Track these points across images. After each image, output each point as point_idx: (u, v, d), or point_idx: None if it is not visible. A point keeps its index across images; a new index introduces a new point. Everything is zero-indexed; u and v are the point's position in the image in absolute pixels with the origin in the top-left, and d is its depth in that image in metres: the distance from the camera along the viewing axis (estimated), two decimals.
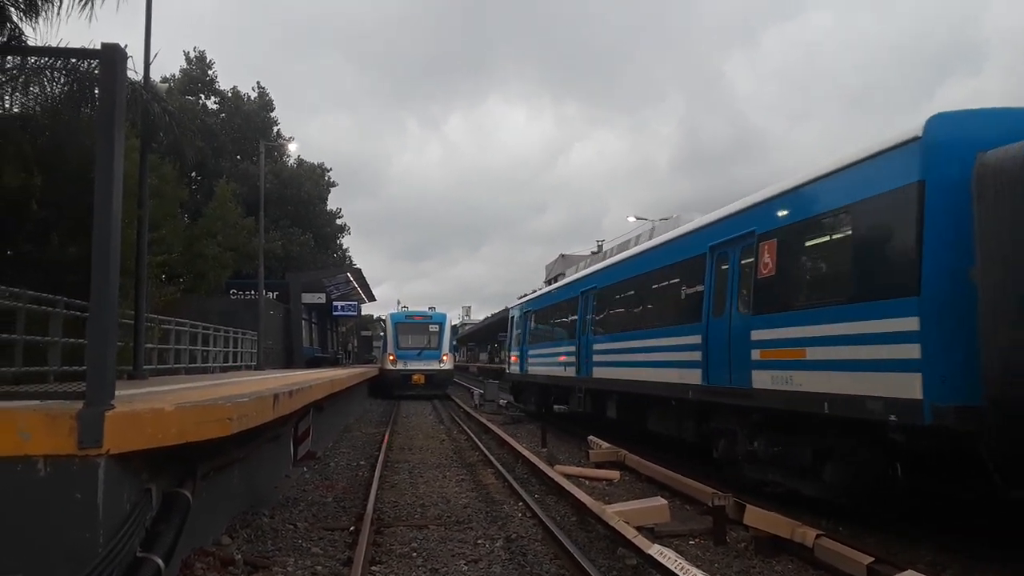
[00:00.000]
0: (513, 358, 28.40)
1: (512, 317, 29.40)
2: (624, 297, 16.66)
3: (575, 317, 19.76)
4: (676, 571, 6.08)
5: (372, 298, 62.56)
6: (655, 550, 6.76)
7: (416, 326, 38.86)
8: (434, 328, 38.66)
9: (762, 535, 8.19)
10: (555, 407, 24.76)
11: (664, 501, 9.39)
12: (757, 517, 8.35)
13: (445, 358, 38.11)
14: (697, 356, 11.77)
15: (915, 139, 7.56)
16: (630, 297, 16.21)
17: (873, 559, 6.84)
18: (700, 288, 12.04)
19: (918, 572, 6.42)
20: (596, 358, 17.66)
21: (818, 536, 7.61)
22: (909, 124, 7.81)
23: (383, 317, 49.28)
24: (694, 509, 10.33)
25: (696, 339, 11.88)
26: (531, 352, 25.39)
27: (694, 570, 6.01)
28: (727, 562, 7.90)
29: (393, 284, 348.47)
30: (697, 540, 8.74)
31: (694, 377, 11.78)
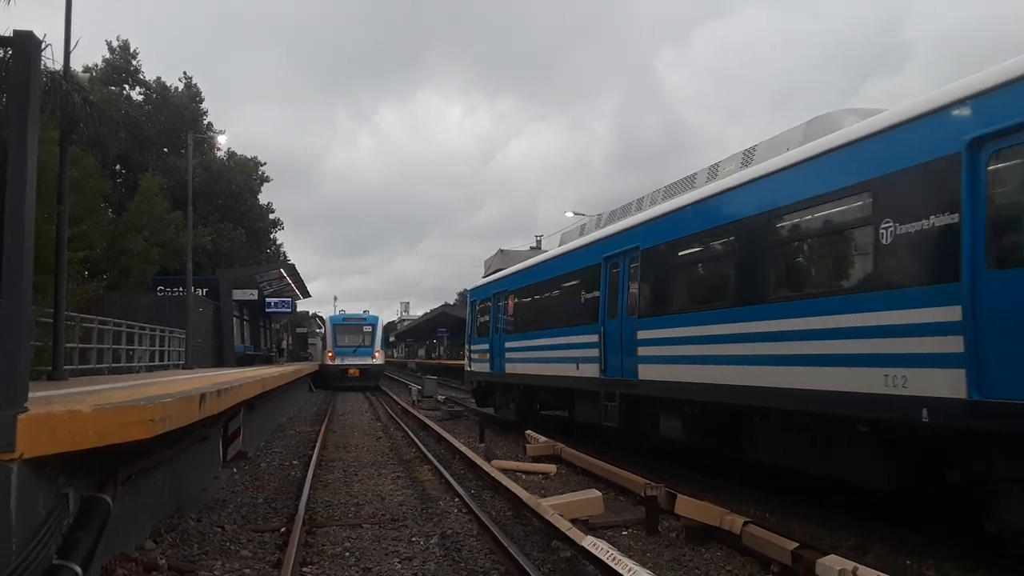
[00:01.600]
0: (478, 353, 22.23)
1: (473, 302, 23.56)
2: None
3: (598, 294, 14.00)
4: (608, 561, 6.16)
5: (307, 294, 61.52)
6: (588, 541, 6.83)
7: (352, 327, 44.75)
8: (368, 329, 44.72)
9: (693, 524, 8.37)
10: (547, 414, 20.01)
11: (598, 493, 9.50)
12: (688, 506, 8.52)
13: (377, 354, 44.29)
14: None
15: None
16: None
17: (798, 544, 7.06)
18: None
19: (840, 556, 6.65)
20: (649, 351, 11.92)
21: (746, 523, 7.81)
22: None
23: (320, 314, 57.79)
24: (628, 500, 10.49)
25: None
26: (511, 344, 19.08)
27: (625, 560, 6.10)
28: (659, 551, 8.04)
29: (329, 280, 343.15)
30: (630, 530, 8.88)
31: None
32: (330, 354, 43.77)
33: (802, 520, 8.95)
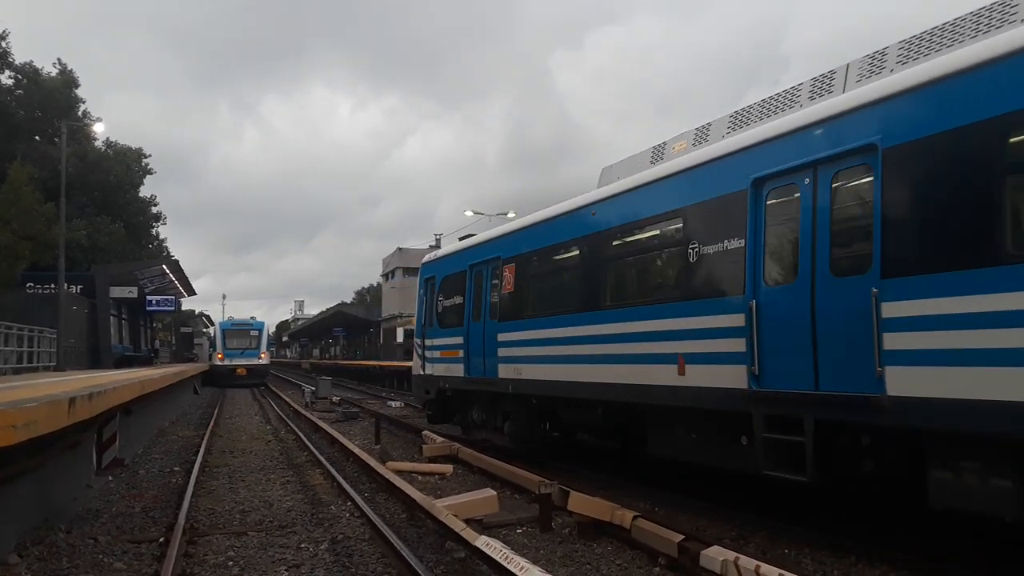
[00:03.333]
0: (441, 351, 15.84)
1: (428, 280, 16.86)
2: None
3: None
4: (500, 560, 6.14)
5: (192, 292, 58.82)
6: (481, 541, 6.80)
7: (239, 331, 50.17)
8: (254, 333, 50.23)
9: (585, 519, 8.49)
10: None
11: (493, 492, 9.50)
12: (580, 503, 8.63)
13: (263, 356, 49.96)
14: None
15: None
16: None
17: (683, 536, 7.28)
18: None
19: (723, 547, 6.89)
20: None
21: (635, 518, 7.98)
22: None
23: (207, 312, 61.43)
24: (523, 498, 10.54)
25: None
26: (511, 336, 12.87)
27: (518, 558, 6.10)
28: (552, 548, 8.11)
29: (215, 277, 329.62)
30: (524, 528, 8.92)
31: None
32: (219, 356, 48.54)
33: (690, 513, 9.26)
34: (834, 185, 7.12)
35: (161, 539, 8.53)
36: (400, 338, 60.55)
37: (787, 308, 7.35)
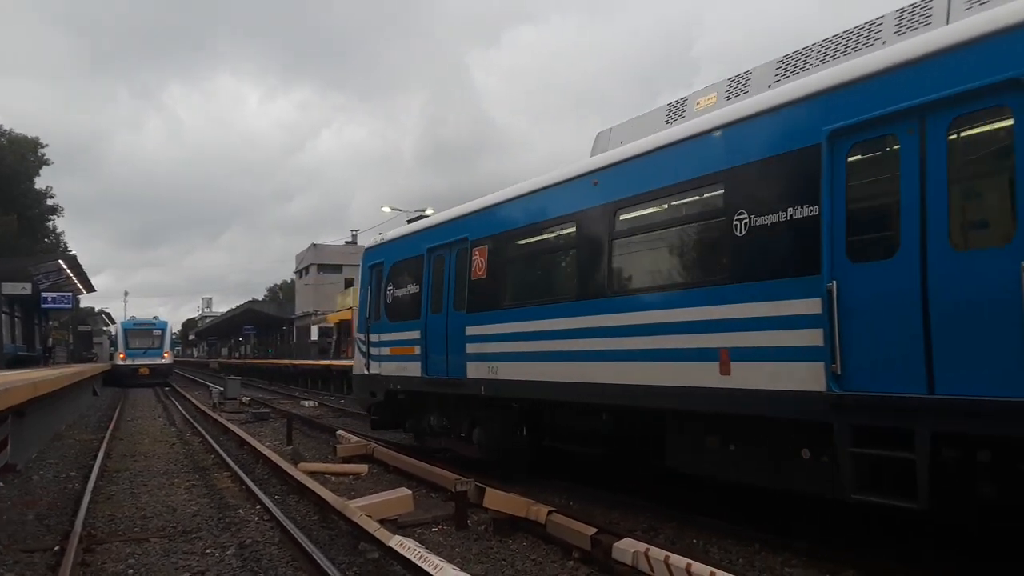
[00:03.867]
0: (390, 347, 13.87)
1: (373, 268, 14.86)
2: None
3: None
4: (414, 560, 6.09)
5: (91, 289, 55.86)
6: (395, 541, 6.72)
7: (142, 331, 50.35)
8: (157, 333, 50.41)
9: (500, 516, 8.51)
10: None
11: (408, 491, 9.41)
12: (496, 499, 8.66)
13: (166, 355, 50.02)
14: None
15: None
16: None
17: (596, 530, 7.39)
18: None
19: (635, 539, 7.03)
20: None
21: (550, 513, 8.06)
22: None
23: (107, 310, 60.12)
24: (439, 496, 10.48)
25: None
26: (484, 330, 10.99)
27: (432, 557, 6.06)
28: (467, 545, 8.10)
29: (117, 273, 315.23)
30: (440, 527, 8.87)
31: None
32: (121, 355, 48.30)
33: (605, 507, 9.40)
34: (954, 135, 5.68)
35: (56, 548, 8.09)
36: (315, 336, 59.36)
37: (884, 289, 5.87)
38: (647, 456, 8.93)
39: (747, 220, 7.03)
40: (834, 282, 6.15)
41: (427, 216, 15.59)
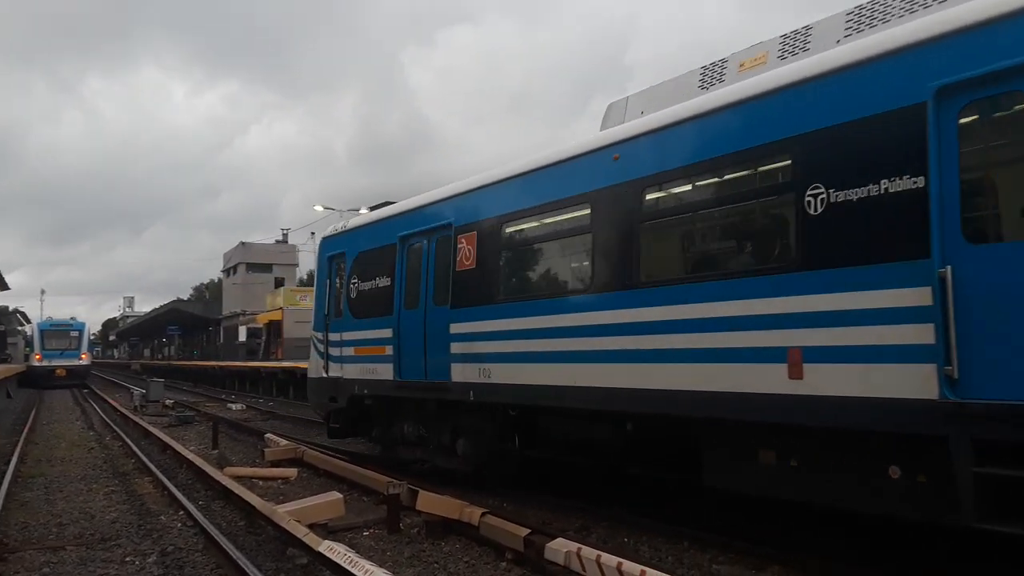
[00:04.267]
0: (354, 347, 12.52)
1: (334, 259, 13.51)
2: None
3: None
4: (344, 565, 5.98)
5: (5, 286, 53.33)
6: (325, 546, 6.59)
7: (59, 332, 49.65)
8: (75, 334, 49.78)
9: (433, 518, 8.44)
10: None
11: (339, 495, 9.24)
12: (429, 502, 8.58)
13: (84, 356, 49.37)
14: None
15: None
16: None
17: (529, 531, 7.40)
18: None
19: (568, 539, 7.07)
20: None
21: (483, 514, 8.04)
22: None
23: (22, 309, 59.22)
24: (371, 500, 10.34)
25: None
26: (466, 326, 9.88)
27: (363, 562, 5.97)
28: (399, 549, 8.01)
29: (34, 270, 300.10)
30: (372, 531, 8.75)
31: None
32: (38, 356, 47.57)
33: (538, 508, 9.43)
34: None
35: None
36: (243, 336, 57.87)
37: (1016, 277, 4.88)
38: (675, 471, 8.19)
39: (824, 196, 5.96)
40: (948, 268, 5.15)
41: (361, 215, 14.54)
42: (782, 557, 6.95)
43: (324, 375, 13.26)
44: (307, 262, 70.05)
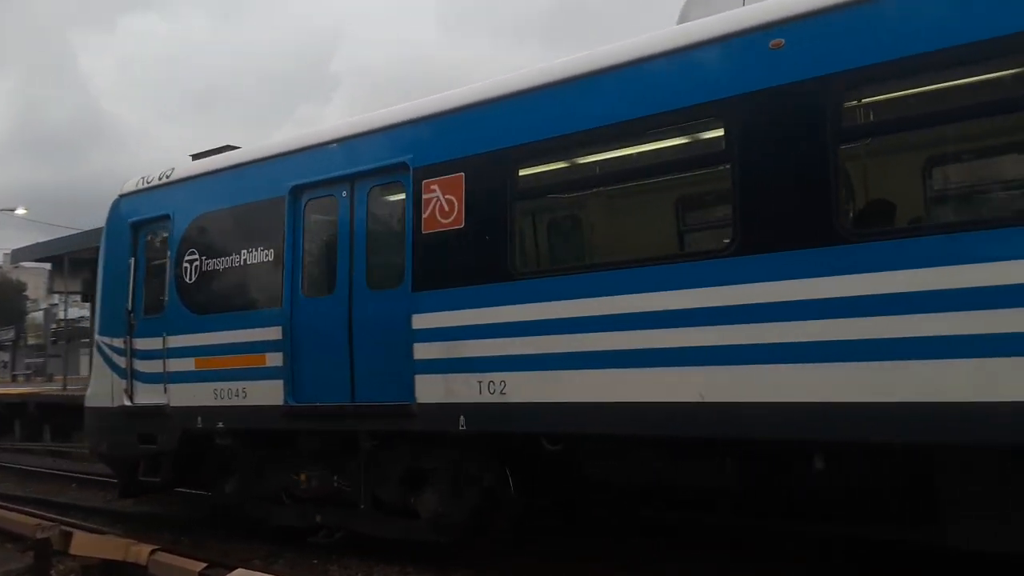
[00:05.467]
0: (201, 359, 8.57)
1: (153, 227, 9.53)
2: None
3: None
4: None
5: None
6: None
7: None
8: None
9: (92, 562, 7.46)
10: None
11: None
12: (87, 544, 7.62)
13: None
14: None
15: None
16: None
17: (206, 564, 6.85)
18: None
19: (249, 568, 6.62)
20: None
21: (153, 552, 7.26)
22: None
23: None
24: (17, 546, 8.85)
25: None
26: (445, 317, 6.72)
27: None
28: None
29: None
30: None
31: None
32: None
33: (222, 539, 8.69)
34: None
35: None
36: None
37: None
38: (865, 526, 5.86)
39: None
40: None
41: (19, 215, 11.32)
42: (475, 562, 6.99)
43: (128, 403, 9.15)
44: None
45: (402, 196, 7.16)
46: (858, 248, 4.93)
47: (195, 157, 9.78)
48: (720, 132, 5.62)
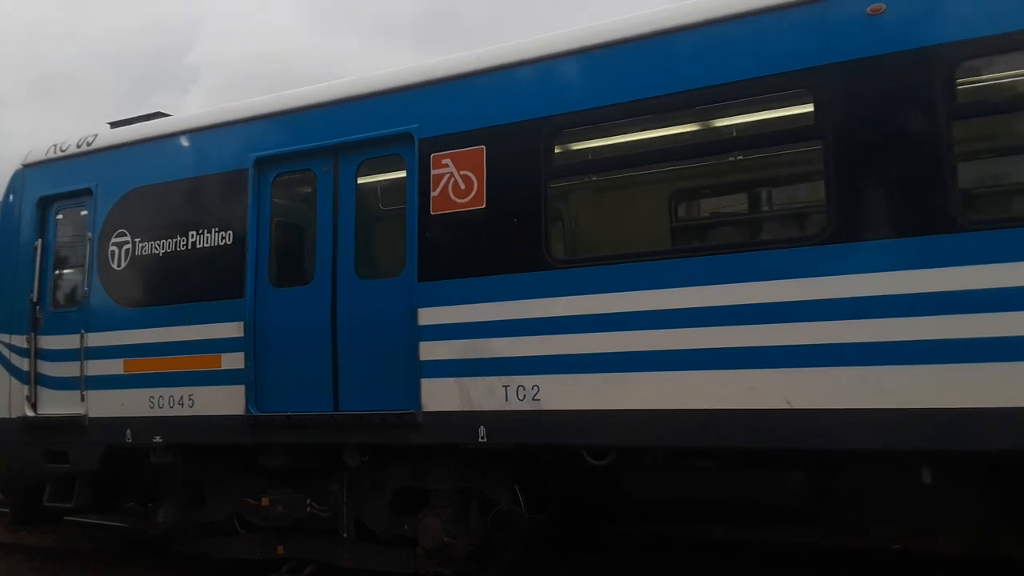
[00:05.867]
0: (132, 358, 7.16)
1: (65, 202, 7.97)
2: None
3: None
4: None
5: None
6: None
7: None
8: None
9: None
10: None
11: None
12: None
13: None
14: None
15: None
16: None
17: None
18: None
19: None
20: None
21: None
22: None
23: None
24: None
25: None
26: (469, 311, 5.78)
27: None
28: None
29: None
30: None
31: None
32: None
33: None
34: None
35: None
36: None
37: None
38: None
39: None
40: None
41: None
42: None
43: (30, 413, 7.69)
44: None
45: (403, 172, 6.10)
46: (975, 237, 4.39)
47: (114, 125, 8.25)
48: (809, 104, 4.94)
